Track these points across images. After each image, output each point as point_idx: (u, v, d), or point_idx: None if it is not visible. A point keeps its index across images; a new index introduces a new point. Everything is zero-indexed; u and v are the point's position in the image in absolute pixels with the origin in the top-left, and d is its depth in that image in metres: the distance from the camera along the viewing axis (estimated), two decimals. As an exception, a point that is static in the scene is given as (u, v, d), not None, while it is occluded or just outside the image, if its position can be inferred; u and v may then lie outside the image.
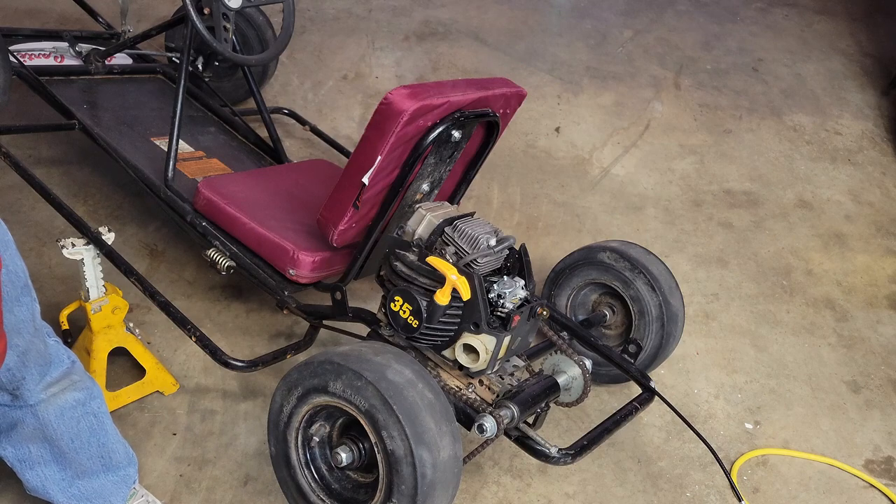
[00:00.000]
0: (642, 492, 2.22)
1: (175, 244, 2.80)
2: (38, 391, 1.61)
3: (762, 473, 2.35)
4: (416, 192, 2.14)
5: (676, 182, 3.63)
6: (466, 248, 1.96)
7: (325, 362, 1.74)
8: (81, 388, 1.69)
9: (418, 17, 4.61)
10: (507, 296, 1.94)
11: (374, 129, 1.92)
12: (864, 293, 3.15)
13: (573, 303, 2.54)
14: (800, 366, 2.76)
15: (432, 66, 4.18)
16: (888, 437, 2.54)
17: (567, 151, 3.73)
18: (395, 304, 1.94)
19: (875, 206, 3.68)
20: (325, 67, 4.02)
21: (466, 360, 1.94)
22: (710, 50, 4.74)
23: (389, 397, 1.64)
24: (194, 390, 2.30)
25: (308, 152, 3.42)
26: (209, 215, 2.35)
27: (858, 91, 4.53)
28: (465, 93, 2.01)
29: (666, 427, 2.43)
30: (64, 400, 1.66)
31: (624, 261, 2.37)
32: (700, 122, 4.07)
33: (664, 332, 2.34)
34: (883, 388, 2.73)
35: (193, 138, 2.88)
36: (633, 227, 3.31)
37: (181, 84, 2.51)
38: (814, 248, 3.36)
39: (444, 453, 1.67)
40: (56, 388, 1.64)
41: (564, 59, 4.45)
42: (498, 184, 3.44)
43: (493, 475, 2.19)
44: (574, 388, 2.08)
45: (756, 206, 3.56)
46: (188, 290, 2.63)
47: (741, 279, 3.12)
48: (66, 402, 1.66)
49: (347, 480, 1.89)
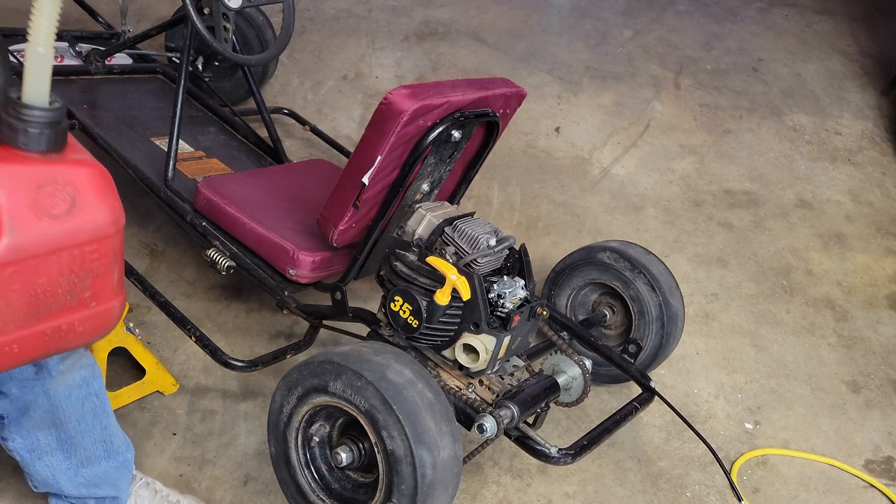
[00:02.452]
0: (642, 492, 2.22)
1: (175, 244, 2.80)
2: (57, 361, 1.60)
3: (762, 473, 2.35)
4: (416, 192, 2.14)
5: (676, 182, 3.63)
6: (466, 248, 1.96)
7: (325, 362, 1.74)
8: (86, 366, 1.68)
9: (418, 17, 4.61)
10: (507, 296, 1.94)
11: (374, 129, 1.92)
12: (864, 293, 3.15)
13: (573, 303, 2.54)
14: (800, 366, 2.76)
15: (432, 66, 4.18)
16: (888, 437, 2.54)
17: (567, 151, 3.73)
18: (395, 304, 1.94)
19: (875, 206, 3.68)
20: (325, 67, 4.02)
21: (466, 360, 1.94)
22: (710, 50, 4.74)
23: (389, 397, 1.64)
24: (194, 390, 2.30)
25: (308, 152, 3.42)
26: (209, 215, 2.35)
27: (858, 91, 4.53)
28: (465, 93, 2.01)
29: (666, 427, 2.43)
30: (72, 379, 1.64)
31: (624, 261, 2.37)
32: (700, 122, 4.07)
33: (664, 332, 2.34)
34: (883, 388, 2.73)
35: (193, 138, 2.88)
36: (633, 227, 3.31)
37: (181, 84, 2.51)
38: (814, 248, 3.36)
39: (444, 453, 1.67)
40: (70, 361, 1.62)
41: (564, 59, 4.45)
42: (498, 184, 3.44)
43: (493, 475, 2.19)
44: (574, 388, 2.08)
45: (756, 206, 3.56)
46: (188, 290, 2.63)
47: (741, 279, 3.12)
48: (74, 381, 1.65)
49: (347, 480, 1.89)
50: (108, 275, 0.81)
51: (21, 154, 0.73)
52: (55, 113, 0.75)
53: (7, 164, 0.72)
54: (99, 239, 0.78)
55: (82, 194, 0.75)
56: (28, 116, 0.73)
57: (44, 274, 0.75)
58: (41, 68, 0.74)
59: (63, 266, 0.75)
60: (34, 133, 0.74)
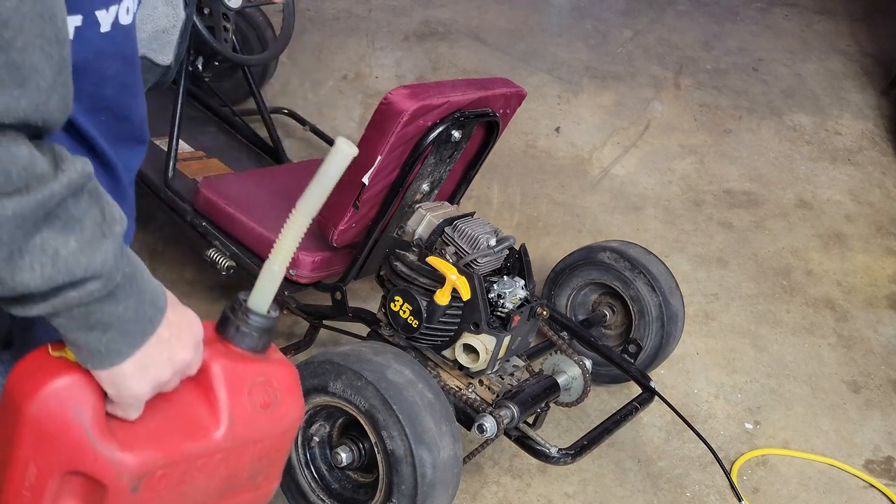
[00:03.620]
0: (642, 492, 2.22)
1: (175, 244, 2.80)
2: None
3: (762, 473, 2.35)
4: (416, 192, 2.14)
5: (676, 182, 3.63)
6: (466, 248, 1.96)
7: (325, 362, 1.74)
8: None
9: (418, 17, 4.61)
10: (507, 296, 1.94)
11: (374, 129, 1.92)
12: (864, 293, 3.15)
13: (573, 303, 2.54)
14: (800, 366, 2.76)
15: (432, 66, 4.18)
16: (888, 437, 2.54)
17: (567, 151, 3.73)
18: (395, 304, 1.94)
19: (875, 206, 3.68)
20: (325, 67, 4.02)
21: (466, 360, 1.94)
22: (710, 50, 4.74)
23: (389, 397, 1.64)
24: (194, 390, 2.29)
25: (308, 152, 3.42)
26: (209, 215, 2.35)
27: (858, 91, 4.53)
28: (465, 93, 2.01)
29: (666, 427, 2.43)
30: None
31: (624, 261, 2.37)
32: (700, 122, 4.07)
33: (664, 332, 2.34)
34: (883, 388, 2.73)
35: (193, 138, 2.88)
36: (633, 227, 3.31)
37: (181, 84, 2.51)
38: (814, 248, 3.36)
39: (444, 453, 1.67)
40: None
41: (564, 59, 4.45)
42: (498, 184, 3.44)
43: (493, 475, 2.19)
44: (574, 388, 2.08)
45: (756, 206, 3.56)
46: (188, 290, 2.63)
47: (741, 279, 3.12)
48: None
49: (347, 480, 1.89)
50: (280, 461, 0.91)
51: (239, 352, 0.85)
52: (273, 321, 0.87)
53: (230, 362, 0.83)
54: (289, 431, 0.89)
55: (282, 392, 0.87)
56: (252, 321, 0.84)
57: (243, 460, 0.85)
58: (271, 283, 0.86)
59: (256, 454, 0.86)
60: (254, 336, 0.85)
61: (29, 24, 0.61)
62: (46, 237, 0.66)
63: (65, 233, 0.67)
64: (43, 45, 0.63)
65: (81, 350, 0.75)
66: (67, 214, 0.68)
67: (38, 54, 0.62)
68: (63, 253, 0.67)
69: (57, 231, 0.67)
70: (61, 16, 0.65)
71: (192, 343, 0.80)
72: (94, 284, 0.70)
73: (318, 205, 0.85)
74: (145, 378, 0.77)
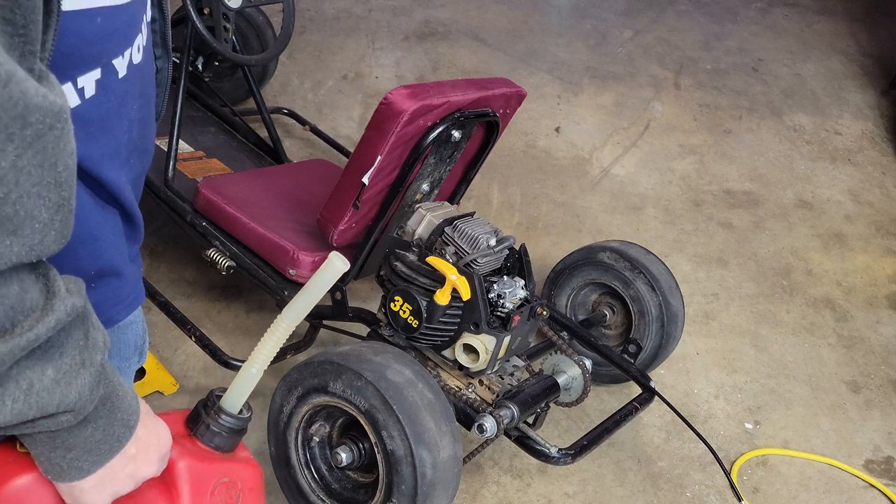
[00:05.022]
0: (642, 492, 2.22)
1: (175, 244, 2.80)
2: None
3: (762, 473, 2.35)
4: (416, 192, 2.14)
5: (676, 182, 3.63)
6: (466, 248, 1.96)
7: (325, 362, 1.74)
8: None
9: (418, 17, 4.61)
10: (507, 296, 1.94)
11: (374, 129, 1.92)
12: (864, 293, 3.15)
13: (573, 303, 2.54)
14: (800, 366, 2.76)
15: (432, 66, 4.18)
16: (888, 437, 2.54)
17: (567, 151, 3.73)
18: (395, 304, 1.94)
19: (875, 206, 3.68)
20: (325, 67, 4.02)
21: (466, 360, 1.94)
22: (710, 50, 4.74)
23: (389, 397, 1.64)
24: (194, 390, 2.30)
25: (308, 152, 3.42)
26: (209, 215, 2.35)
27: (858, 91, 4.53)
28: (465, 93, 2.01)
29: (666, 427, 2.43)
30: None
31: (624, 261, 2.37)
32: (700, 122, 4.07)
33: (664, 332, 2.34)
34: (883, 388, 2.73)
35: (193, 138, 2.88)
36: (633, 227, 3.31)
37: (181, 84, 2.51)
38: (814, 248, 3.35)
39: (444, 453, 1.67)
40: None
41: (564, 59, 4.45)
42: (498, 184, 3.44)
43: (493, 475, 2.19)
44: (574, 388, 2.08)
45: (756, 206, 3.56)
46: (188, 290, 2.63)
47: (741, 279, 3.12)
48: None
49: (347, 480, 1.89)
50: None
51: (206, 450, 0.86)
52: (244, 422, 0.88)
53: (196, 462, 0.84)
54: None
55: (245, 493, 0.88)
56: (223, 421, 0.86)
57: None
58: (247, 384, 0.87)
59: None
60: (223, 436, 0.87)
61: (25, 178, 0.58)
62: (23, 367, 0.63)
63: (42, 361, 0.64)
64: (40, 192, 0.59)
65: (43, 463, 0.73)
66: (48, 343, 0.65)
67: (34, 201, 0.59)
68: (37, 387, 0.64)
69: (35, 359, 0.64)
70: (64, 160, 0.61)
71: (157, 458, 0.79)
72: (64, 417, 0.68)
73: (303, 314, 0.87)
74: (104, 492, 0.76)
